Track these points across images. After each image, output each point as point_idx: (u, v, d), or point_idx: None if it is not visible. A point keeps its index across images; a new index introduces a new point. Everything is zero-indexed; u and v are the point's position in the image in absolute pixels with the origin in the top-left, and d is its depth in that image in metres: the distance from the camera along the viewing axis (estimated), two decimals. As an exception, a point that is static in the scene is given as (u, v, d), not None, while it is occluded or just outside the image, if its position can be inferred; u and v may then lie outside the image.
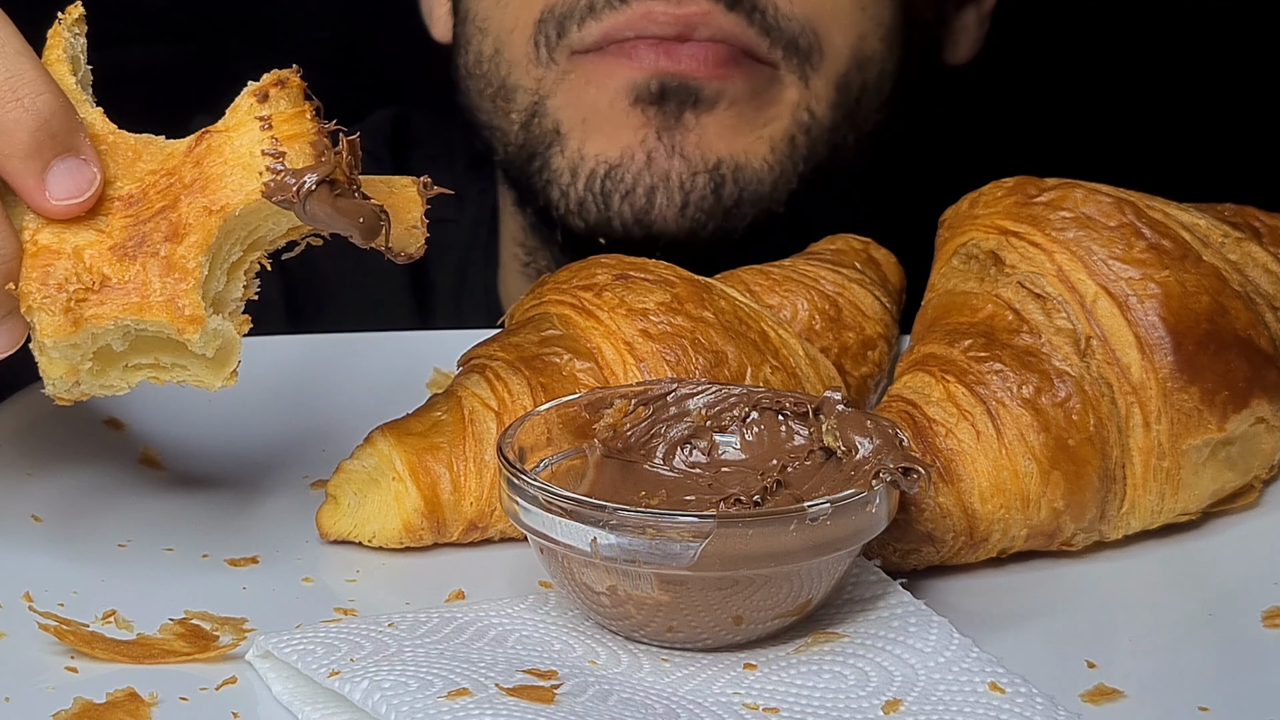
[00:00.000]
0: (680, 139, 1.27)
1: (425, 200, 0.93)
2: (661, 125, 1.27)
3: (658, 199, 1.28)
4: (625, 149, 1.28)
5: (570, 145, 1.29)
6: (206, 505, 1.02)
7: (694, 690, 0.84)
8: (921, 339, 1.01)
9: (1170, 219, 1.00)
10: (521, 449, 0.91)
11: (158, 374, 0.92)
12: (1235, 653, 0.90)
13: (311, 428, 1.09)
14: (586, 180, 1.29)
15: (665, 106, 1.27)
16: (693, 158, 1.27)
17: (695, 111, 1.27)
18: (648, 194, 1.28)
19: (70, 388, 0.90)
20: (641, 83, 1.27)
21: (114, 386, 0.91)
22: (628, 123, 1.27)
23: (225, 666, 0.86)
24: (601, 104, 1.28)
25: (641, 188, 1.28)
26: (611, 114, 1.28)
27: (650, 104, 1.27)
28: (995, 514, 0.95)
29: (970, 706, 0.82)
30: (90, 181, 0.90)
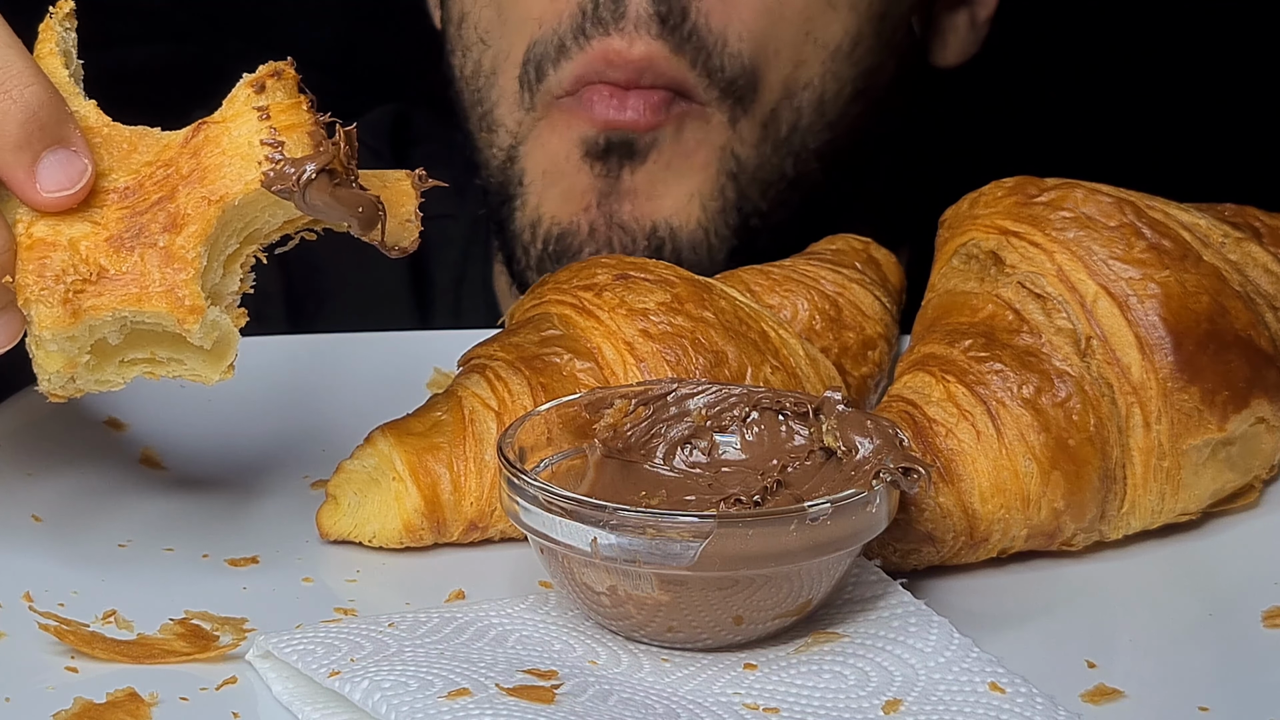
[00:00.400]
0: (617, 207, 1.29)
1: (420, 194, 0.92)
2: (603, 189, 1.29)
3: None
4: (573, 215, 1.29)
5: (530, 201, 1.31)
6: (206, 505, 1.02)
7: (694, 690, 0.84)
8: (922, 339, 1.01)
9: (1170, 219, 1.00)
10: (522, 449, 0.91)
11: (154, 369, 0.91)
12: (1235, 653, 0.90)
13: (311, 428, 1.09)
14: (543, 240, 1.31)
15: (608, 162, 1.28)
16: (629, 226, 1.29)
17: (631, 165, 1.28)
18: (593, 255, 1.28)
19: (65, 384, 0.90)
20: (591, 137, 1.28)
21: (109, 382, 0.90)
22: (578, 179, 1.29)
23: (225, 666, 0.86)
24: (560, 156, 1.30)
25: (587, 251, 1.29)
26: (567, 168, 1.29)
27: (597, 158, 1.28)
28: (995, 514, 0.95)
29: (970, 706, 0.82)
30: (81, 173, 0.89)
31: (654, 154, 1.28)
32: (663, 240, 1.29)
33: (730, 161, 1.30)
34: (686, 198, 1.29)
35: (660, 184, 1.29)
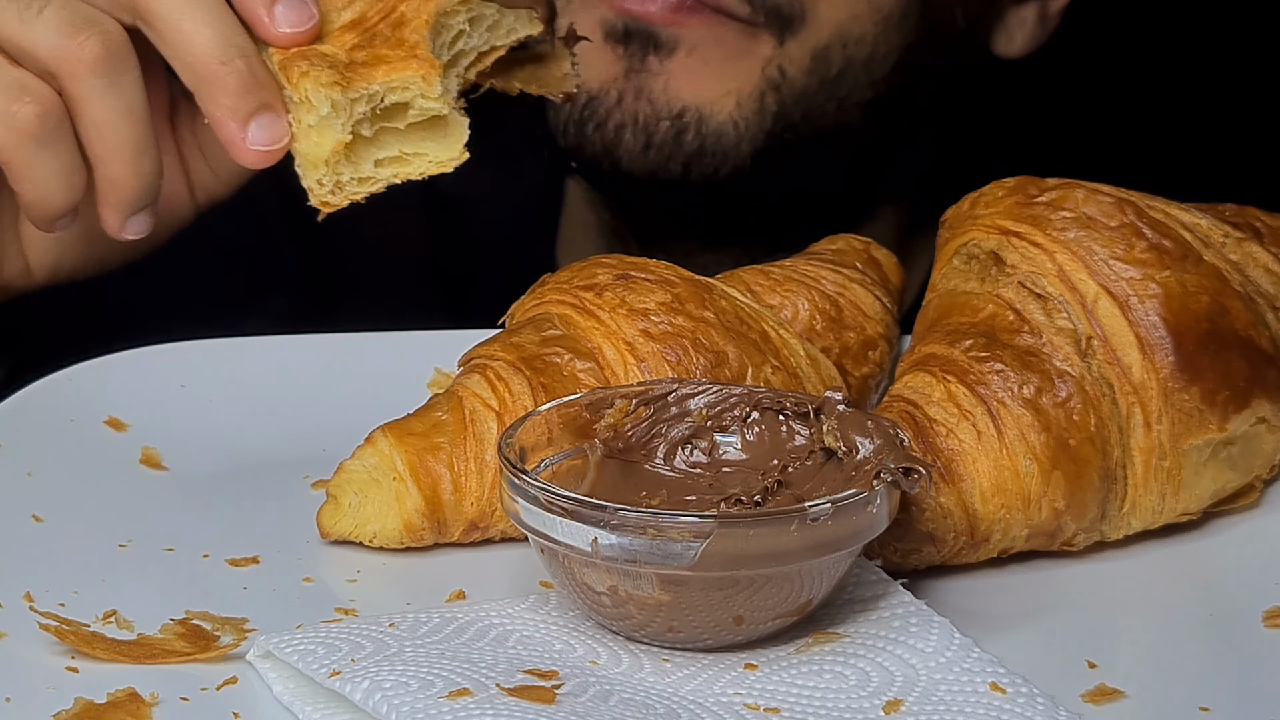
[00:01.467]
0: (647, 83, 1.32)
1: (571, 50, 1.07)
2: (629, 66, 1.32)
3: (624, 136, 1.33)
4: (602, 84, 1.33)
5: None
6: (206, 505, 1.02)
7: (695, 690, 0.84)
8: (922, 339, 1.01)
9: (1171, 219, 1.00)
10: (522, 449, 0.91)
11: (402, 167, 1.00)
12: (1236, 653, 0.90)
13: (311, 428, 1.08)
14: (572, 108, 1.34)
15: (630, 47, 1.32)
16: (658, 102, 1.32)
17: (657, 55, 1.31)
18: (616, 129, 1.33)
19: (332, 187, 0.99)
20: (611, 19, 1.32)
21: (371, 179, 1.00)
22: (603, 57, 1.32)
23: (226, 666, 0.86)
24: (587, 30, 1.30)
25: (612, 123, 1.33)
26: (594, 45, 1.31)
27: (619, 42, 1.32)
28: (996, 514, 0.95)
29: (971, 706, 0.82)
30: (311, 15, 1.01)
31: (683, 49, 1.31)
32: (687, 124, 1.32)
33: (776, 75, 1.33)
34: (724, 93, 1.32)
35: (698, 75, 1.32)
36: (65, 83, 1.02)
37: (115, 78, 1.02)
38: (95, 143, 1.03)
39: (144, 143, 1.03)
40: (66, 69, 1.01)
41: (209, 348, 1.14)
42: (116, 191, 1.04)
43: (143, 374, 1.11)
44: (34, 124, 1.01)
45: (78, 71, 1.01)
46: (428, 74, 0.98)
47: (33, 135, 1.01)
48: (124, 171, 1.03)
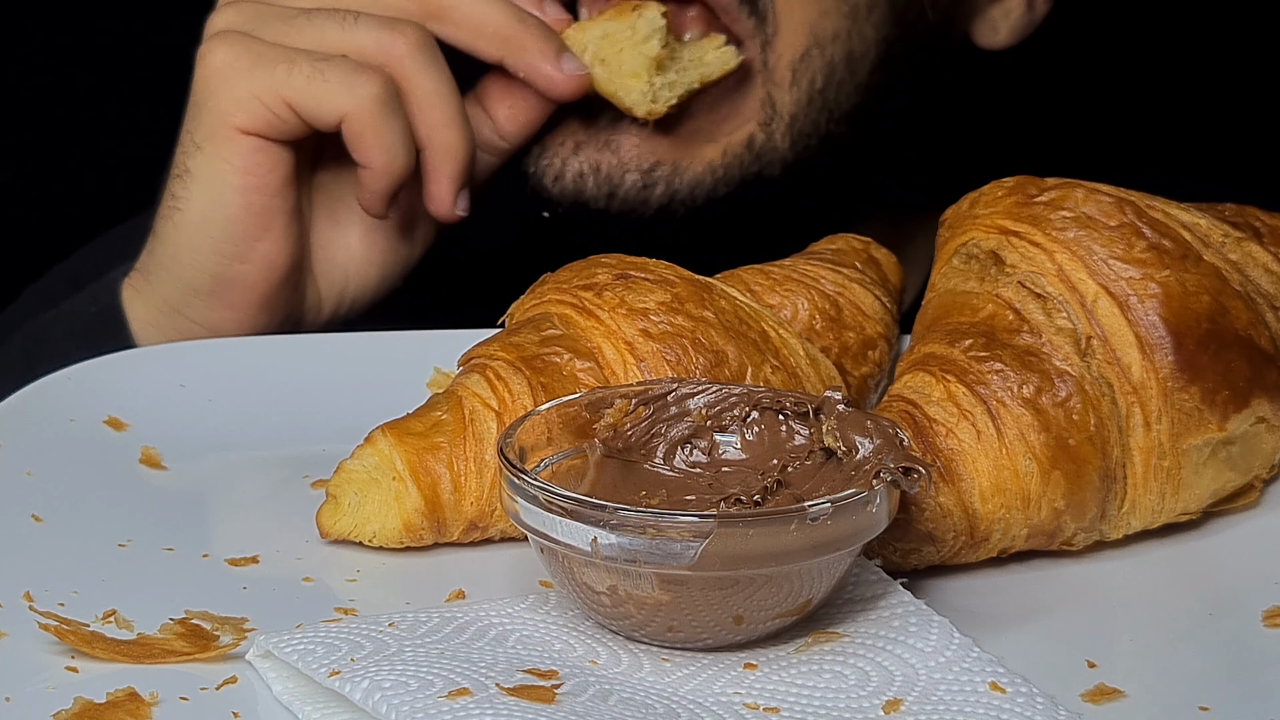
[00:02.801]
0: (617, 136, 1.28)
1: None
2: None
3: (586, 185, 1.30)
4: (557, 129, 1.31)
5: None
6: (206, 505, 1.02)
7: (694, 690, 0.84)
8: (922, 339, 1.01)
9: (1171, 219, 1.00)
10: (522, 449, 0.91)
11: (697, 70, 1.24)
12: (1236, 653, 0.90)
13: (311, 428, 1.08)
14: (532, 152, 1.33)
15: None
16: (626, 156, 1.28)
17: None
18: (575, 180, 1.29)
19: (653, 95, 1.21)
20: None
21: (677, 83, 1.23)
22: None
23: (225, 666, 0.86)
24: None
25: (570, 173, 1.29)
26: None
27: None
28: (996, 513, 0.95)
29: (971, 706, 0.82)
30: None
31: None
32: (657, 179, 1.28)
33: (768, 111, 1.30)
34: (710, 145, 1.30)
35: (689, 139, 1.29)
36: (394, 67, 1.18)
37: (434, 56, 1.19)
38: (428, 112, 1.18)
39: (463, 112, 1.19)
40: (394, 56, 1.18)
41: (209, 348, 1.14)
42: (452, 159, 1.19)
43: (143, 374, 1.11)
44: (381, 93, 1.16)
45: (403, 56, 1.18)
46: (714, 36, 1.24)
47: (381, 103, 1.16)
48: (455, 136, 1.19)
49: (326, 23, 1.18)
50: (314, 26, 1.18)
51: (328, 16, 1.19)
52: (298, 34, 1.18)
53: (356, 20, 1.18)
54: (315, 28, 1.18)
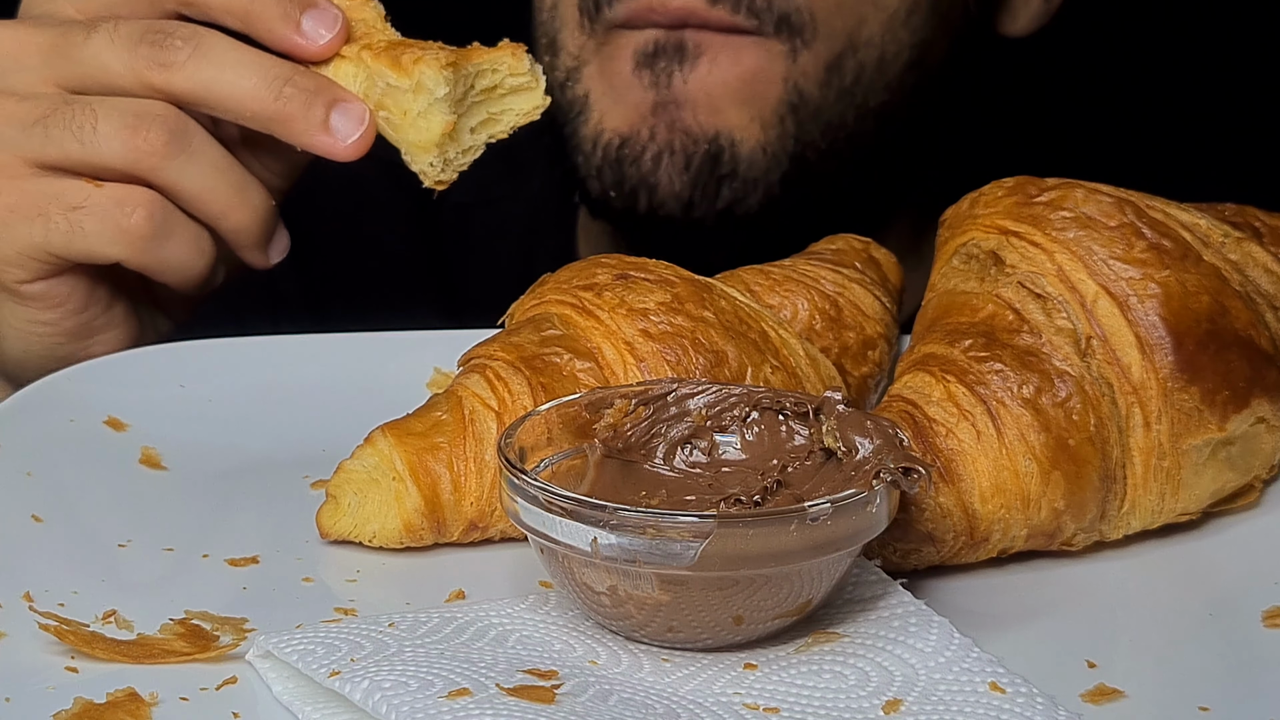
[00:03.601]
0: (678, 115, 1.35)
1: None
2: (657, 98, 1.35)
3: (662, 164, 1.36)
4: (632, 124, 1.36)
5: (594, 115, 1.38)
6: (206, 505, 1.02)
7: (694, 690, 0.84)
8: (922, 339, 1.01)
9: (1170, 219, 1.00)
10: (522, 449, 0.91)
11: (494, 127, 1.12)
12: (1235, 653, 0.90)
13: (311, 428, 1.08)
14: (604, 150, 1.38)
15: (656, 69, 1.35)
16: (691, 130, 1.35)
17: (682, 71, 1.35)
18: (654, 160, 1.36)
19: (442, 165, 1.10)
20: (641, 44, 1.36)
21: (472, 148, 1.11)
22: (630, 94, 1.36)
23: (225, 666, 0.86)
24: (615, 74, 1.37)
25: (649, 155, 1.36)
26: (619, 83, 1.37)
27: (646, 67, 1.35)
28: (995, 514, 0.95)
29: (971, 706, 0.82)
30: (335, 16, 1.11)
31: (706, 60, 1.35)
32: (722, 148, 1.36)
33: (793, 95, 1.36)
34: (747, 119, 1.36)
35: (722, 100, 1.35)
36: (150, 177, 1.09)
37: (190, 149, 1.10)
38: (204, 207, 1.11)
39: (243, 180, 1.12)
40: (145, 165, 1.09)
41: (209, 348, 1.14)
42: (246, 235, 1.13)
43: (143, 374, 1.11)
44: (146, 226, 1.09)
45: (155, 163, 1.09)
46: (515, 53, 1.10)
47: (151, 235, 1.10)
48: (242, 216, 1.12)
49: (64, 138, 1.09)
50: (53, 143, 1.10)
51: (64, 128, 1.10)
52: (39, 151, 1.10)
53: (95, 128, 1.09)
54: (55, 145, 1.10)
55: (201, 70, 1.09)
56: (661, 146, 1.36)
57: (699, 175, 1.36)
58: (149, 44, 1.10)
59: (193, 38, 1.10)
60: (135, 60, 1.10)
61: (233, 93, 1.09)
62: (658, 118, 1.36)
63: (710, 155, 1.35)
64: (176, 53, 1.09)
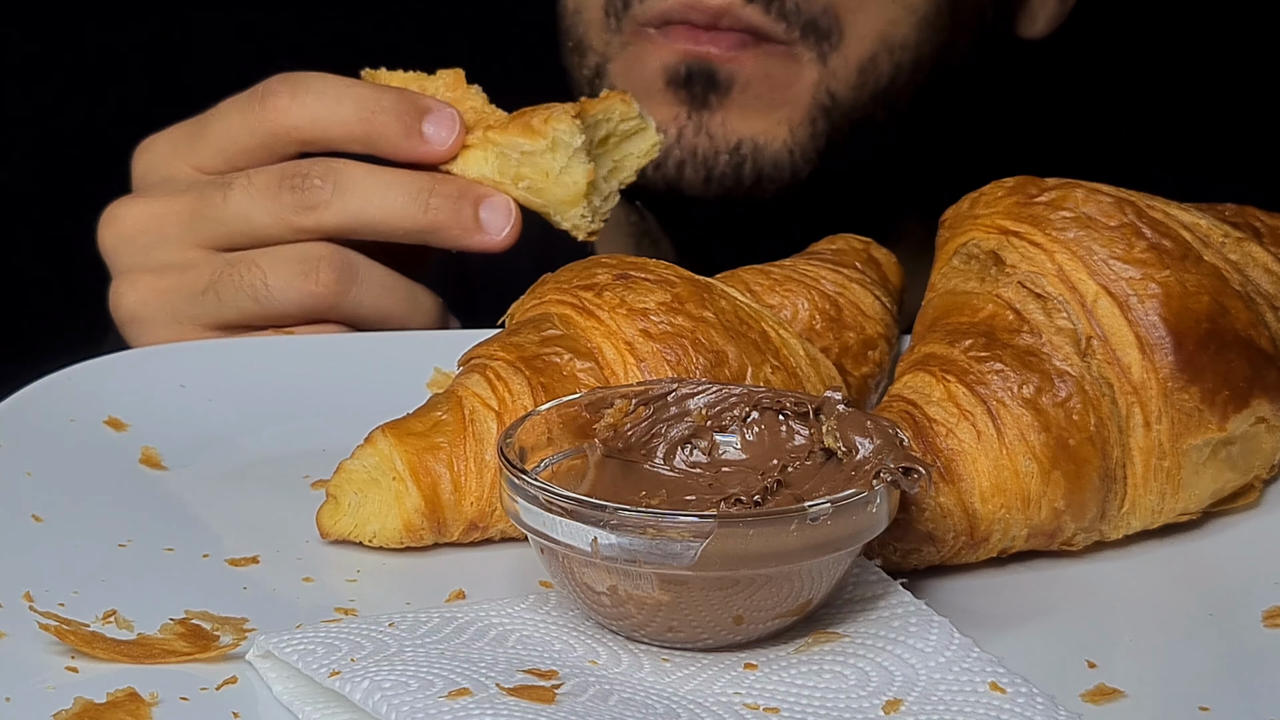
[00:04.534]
0: (707, 119, 1.37)
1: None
2: (691, 107, 1.37)
3: (685, 172, 1.39)
4: (662, 122, 1.37)
5: None
6: (206, 505, 1.02)
7: (694, 690, 0.84)
8: (922, 339, 1.01)
9: (1171, 219, 1.00)
10: (522, 449, 0.91)
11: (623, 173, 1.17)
12: (1236, 653, 0.90)
13: (311, 428, 1.09)
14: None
15: (692, 89, 1.37)
16: (716, 136, 1.37)
17: (716, 95, 1.36)
18: (677, 166, 1.38)
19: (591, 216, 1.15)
20: (673, 65, 1.37)
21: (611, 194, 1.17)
22: (664, 101, 1.38)
23: (225, 666, 0.86)
24: (646, 79, 1.38)
25: (672, 160, 1.38)
26: (652, 91, 1.38)
27: (680, 86, 1.37)
28: (996, 514, 0.95)
29: (971, 706, 0.82)
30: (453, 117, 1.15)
31: (738, 88, 1.36)
32: (745, 156, 1.38)
33: (825, 98, 1.38)
34: (775, 122, 1.38)
35: (751, 109, 1.37)
36: (328, 316, 1.14)
37: (359, 280, 1.15)
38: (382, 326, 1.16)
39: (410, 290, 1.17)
40: (322, 306, 1.13)
41: (209, 348, 1.14)
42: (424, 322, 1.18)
43: (143, 374, 1.11)
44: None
45: (332, 302, 1.14)
46: (624, 99, 1.16)
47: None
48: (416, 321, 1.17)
49: (239, 299, 1.14)
50: (228, 306, 1.14)
51: (236, 289, 1.14)
52: (216, 316, 1.14)
53: (267, 284, 1.13)
54: (231, 307, 1.14)
55: (348, 203, 1.12)
56: (685, 153, 1.38)
57: (724, 179, 1.38)
58: (289, 190, 1.12)
59: (329, 174, 1.13)
60: (280, 209, 1.13)
61: (384, 217, 1.13)
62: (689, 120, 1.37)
63: (733, 165, 1.38)
64: (319, 192, 1.12)
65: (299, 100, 1.14)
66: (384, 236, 1.14)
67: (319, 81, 1.14)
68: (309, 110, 1.14)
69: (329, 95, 1.14)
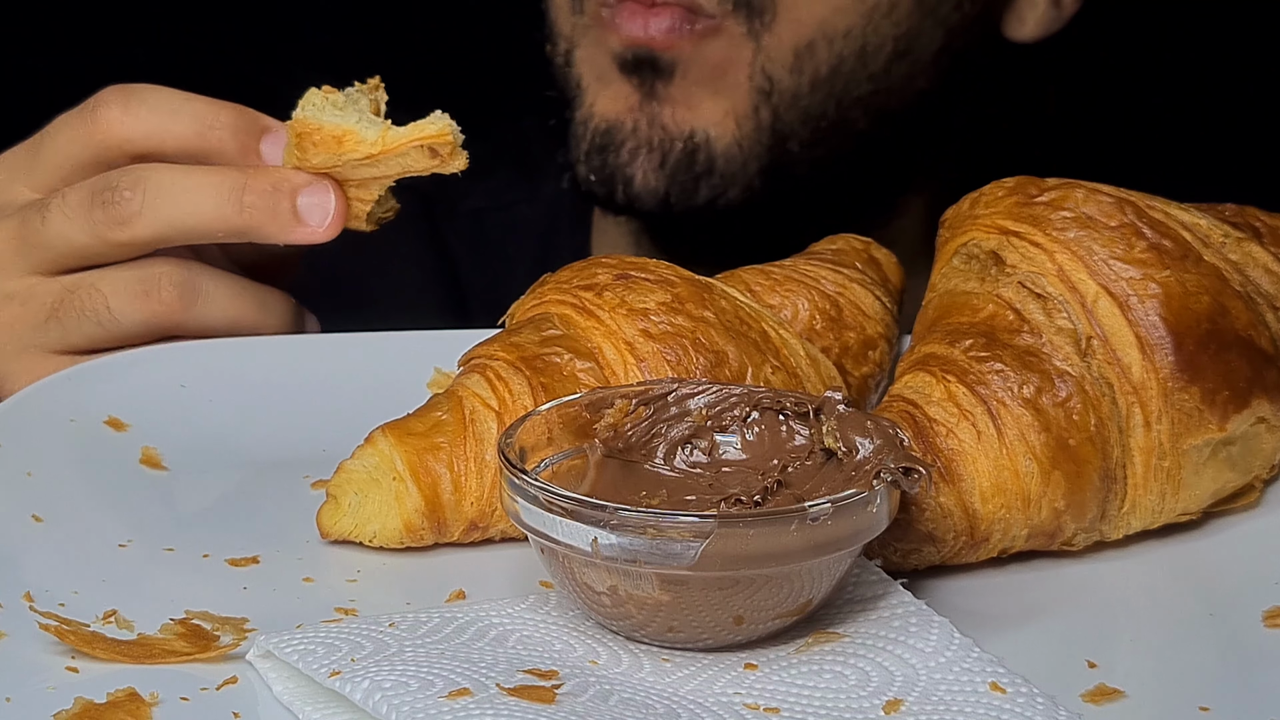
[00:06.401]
0: (659, 111, 1.38)
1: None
2: (643, 95, 1.38)
3: (639, 159, 1.39)
4: (618, 113, 1.39)
5: (586, 99, 1.42)
6: (206, 505, 1.02)
7: (695, 690, 0.84)
8: (922, 339, 1.01)
9: (1171, 219, 1.00)
10: (522, 449, 0.91)
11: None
12: (1236, 653, 0.90)
13: (311, 428, 1.08)
14: (592, 136, 1.41)
15: (642, 75, 1.38)
16: (669, 128, 1.38)
17: (662, 81, 1.38)
18: (631, 154, 1.39)
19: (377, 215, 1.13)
20: (620, 52, 1.38)
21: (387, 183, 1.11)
22: (620, 88, 1.39)
23: (226, 666, 0.86)
24: (605, 65, 1.40)
25: (627, 148, 1.39)
26: (610, 76, 1.39)
27: (631, 73, 1.38)
28: (996, 514, 0.95)
29: (971, 706, 0.82)
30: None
31: (680, 72, 1.37)
32: (698, 146, 1.39)
33: (762, 80, 1.38)
34: (723, 113, 1.38)
35: (696, 97, 1.38)
36: (174, 331, 1.11)
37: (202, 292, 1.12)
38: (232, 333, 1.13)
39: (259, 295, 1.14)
40: (167, 324, 1.11)
41: (209, 348, 1.14)
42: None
43: (143, 374, 1.11)
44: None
45: (177, 319, 1.11)
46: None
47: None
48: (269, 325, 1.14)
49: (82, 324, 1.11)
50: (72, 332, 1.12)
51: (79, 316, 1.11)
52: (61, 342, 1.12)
53: (109, 307, 1.11)
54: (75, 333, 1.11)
55: (159, 213, 1.09)
56: (640, 142, 1.38)
57: (675, 172, 1.39)
58: (99, 205, 1.09)
59: (138, 184, 1.09)
60: (95, 227, 1.10)
61: (197, 223, 1.09)
62: (642, 112, 1.38)
63: (686, 153, 1.38)
64: (128, 204, 1.09)
65: (131, 112, 1.11)
66: (202, 240, 1.11)
67: (153, 94, 1.12)
68: (142, 123, 1.11)
69: (163, 109, 1.11)
